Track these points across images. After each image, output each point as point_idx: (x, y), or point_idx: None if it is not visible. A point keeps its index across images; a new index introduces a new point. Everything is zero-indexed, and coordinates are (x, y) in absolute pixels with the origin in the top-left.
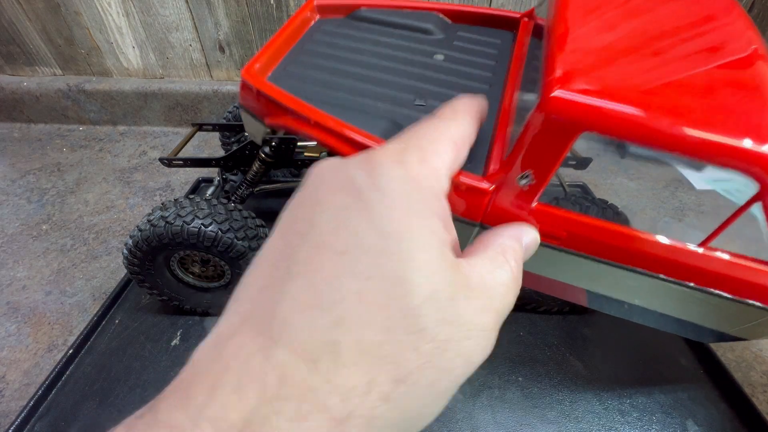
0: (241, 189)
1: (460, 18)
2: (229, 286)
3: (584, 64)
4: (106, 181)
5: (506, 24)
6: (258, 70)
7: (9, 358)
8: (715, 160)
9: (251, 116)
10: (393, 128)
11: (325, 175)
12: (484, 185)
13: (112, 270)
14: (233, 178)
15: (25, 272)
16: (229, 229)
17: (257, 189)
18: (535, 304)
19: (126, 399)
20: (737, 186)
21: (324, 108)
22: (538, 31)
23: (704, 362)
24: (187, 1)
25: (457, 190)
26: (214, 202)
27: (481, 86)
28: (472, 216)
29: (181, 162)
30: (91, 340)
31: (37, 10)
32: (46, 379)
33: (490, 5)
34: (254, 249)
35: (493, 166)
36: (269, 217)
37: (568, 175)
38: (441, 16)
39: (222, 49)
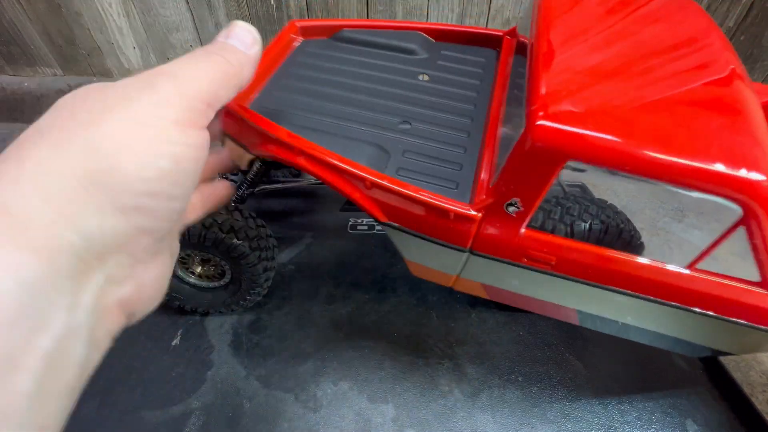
0: (241, 189)
1: (444, 37)
2: (230, 286)
3: (568, 87)
4: None
5: (489, 42)
6: (240, 96)
7: None
8: (698, 187)
9: (235, 143)
10: (379, 154)
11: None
12: (472, 213)
13: None
14: (233, 178)
15: None
16: (230, 230)
17: (257, 189)
18: None
19: (127, 398)
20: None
21: (308, 135)
22: (521, 49)
23: (704, 362)
24: (187, 2)
25: (446, 218)
26: None
27: (466, 106)
28: (461, 242)
29: None
30: None
31: (38, 10)
32: None
33: (489, 6)
34: (255, 249)
35: (480, 194)
36: (269, 217)
37: (568, 175)
38: (424, 35)
39: None
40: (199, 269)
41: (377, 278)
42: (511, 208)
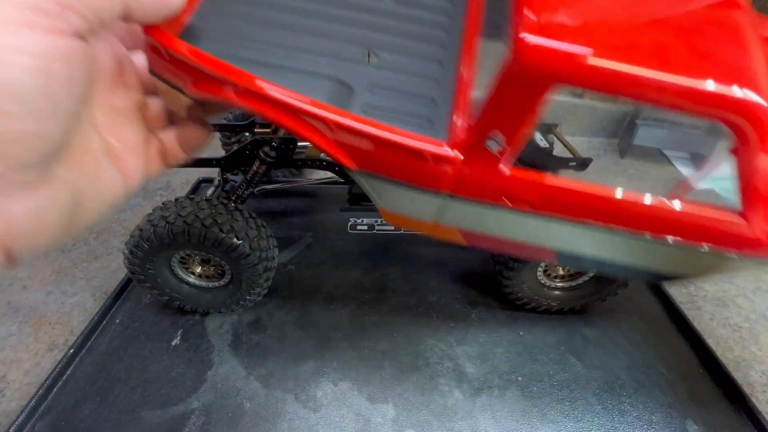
0: (241, 189)
1: None
2: (230, 286)
3: (559, 14)
4: None
5: None
6: (167, 24)
7: (10, 358)
8: (695, 110)
9: (167, 84)
10: (341, 90)
11: None
12: (451, 154)
13: (113, 270)
14: (234, 178)
15: (25, 272)
16: (230, 230)
17: (258, 189)
18: (535, 304)
19: (127, 398)
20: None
21: (256, 70)
22: None
23: (704, 362)
24: None
25: (423, 161)
26: (215, 201)
27: (438, 33)
28: (440, 186)
29: (182, 162)
30: (92, 339)
31: None
32: (46, 379)
33: None
34: (256, 249)
35: (457, 132)
36: (269, 217)
37: (568, 175)
38: None
39: None
40: (199, 269)
41: (377, 278)
42: (494, 145)
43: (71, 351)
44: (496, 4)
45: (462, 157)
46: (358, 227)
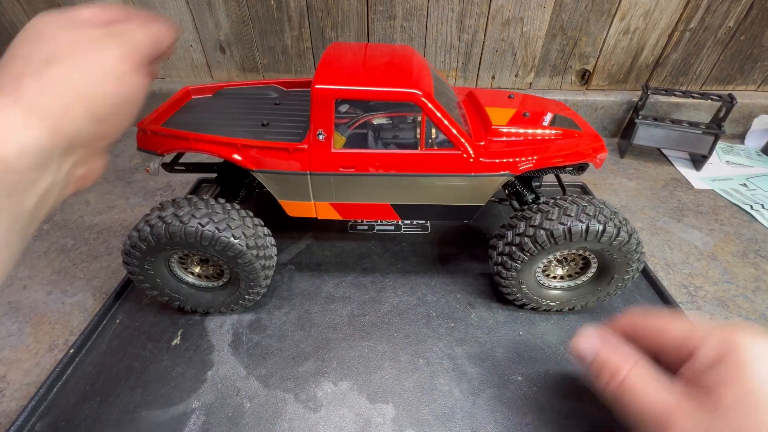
0: (241, 189)
1: (291, 86)
2: (229, 286)
3: (332, 73)
4: (107, 181)
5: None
6: (152, 121)
7: (10, 358)
8: (392, 99)
9: (147, 153)
10: (247, 136)
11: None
12: (303, 146)
13: (113, 270)
14: (234, 179)
15: (26, 272)
16: (226, 228)
17: (258, 190)
18: (534, 305)
19: (127, 398)
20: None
21: (199, 131)
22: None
23: None
24: (187, 2)
25: (289, 153)
26: (212, 201)
27: (301, 113)
28: (303, 167)
29: (182, 168)
30: (92, 339)
31: (38, 10)
32: (47, 379)
33: (489, 6)
34: (252, 247)
35: (308, 139)
36: (269, 217)
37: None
38: (277, 86)
39: (222, 50)
40: (197, 269)
41: (377, 278)
42: (321, 136)
43: (71, 351)
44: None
45: (308, 147)
46: (358, 227)
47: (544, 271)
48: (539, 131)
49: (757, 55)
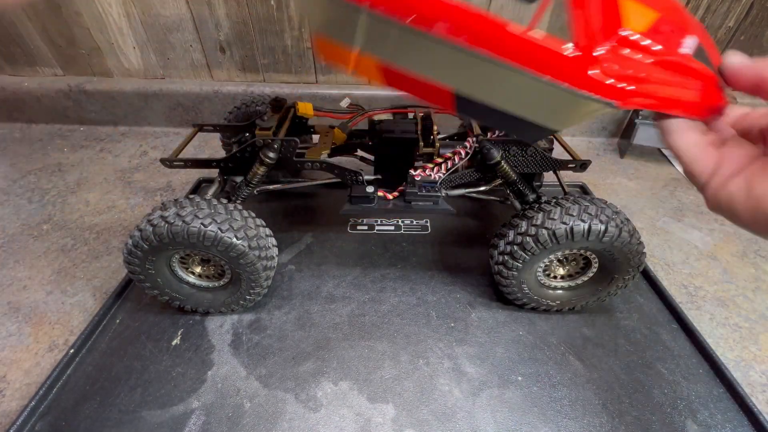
0: (241, 189)
1: None
2: (230, 286)
3: None
4: (107, 181)
5: None
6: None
7: (10, 358)
8: None
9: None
10: None
11: None
12: None
13: (113, 270)
14: (234, 178)
15: (25, 272)
16: (228, 229)
17: (258, 189)
18: (534, 305)
19: (127, 398)
20: None
21: None
22: None
23: (704, 362)
24: (187, 2)
25: None
26: (214, 201)
27: None
28: None
29: (182, 163)
30: (92, 339)
31: (38, 10)
32: (47, 379)
33: (488, 6)
34: (254, 248)
35: None
36: (270, 217)
37: (568, 176)
38: None
39: (223, 50)
40: (199, 269)
41: (377, 278)
42: None
43: (71, 351)
44: None
45: None
46: (358, 227)
47: (545, 270)
48: (676, 58)
49: (757, 55)
